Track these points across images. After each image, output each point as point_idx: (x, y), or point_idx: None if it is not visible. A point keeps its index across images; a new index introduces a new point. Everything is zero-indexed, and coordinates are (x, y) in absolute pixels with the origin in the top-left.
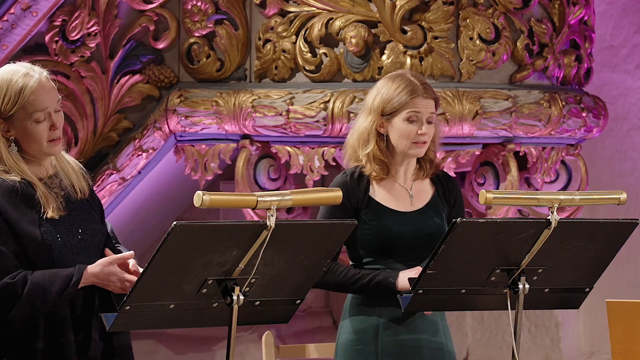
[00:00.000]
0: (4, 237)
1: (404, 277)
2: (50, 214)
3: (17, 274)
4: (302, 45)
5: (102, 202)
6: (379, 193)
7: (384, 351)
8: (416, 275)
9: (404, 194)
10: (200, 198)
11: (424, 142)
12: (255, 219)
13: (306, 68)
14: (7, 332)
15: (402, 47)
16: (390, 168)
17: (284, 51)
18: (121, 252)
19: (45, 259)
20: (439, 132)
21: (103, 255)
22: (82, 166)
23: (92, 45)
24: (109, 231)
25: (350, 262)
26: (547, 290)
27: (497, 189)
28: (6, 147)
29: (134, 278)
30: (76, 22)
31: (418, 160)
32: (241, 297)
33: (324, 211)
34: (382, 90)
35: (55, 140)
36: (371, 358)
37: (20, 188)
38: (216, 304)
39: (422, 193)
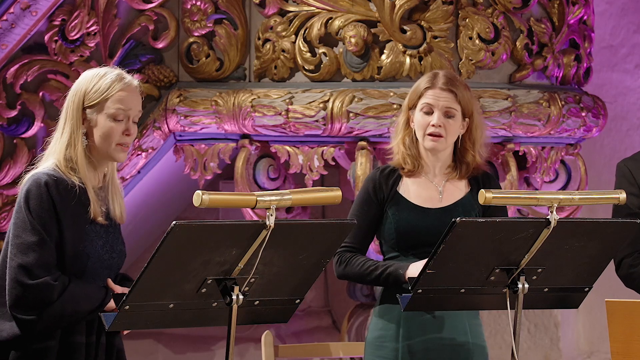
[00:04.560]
0: (52, 229)
1: (413, 269)
2: (91, 216)
3: (58, 277)
4: (301, 45)
5: None
6: (407, 188)
7: (405, 348)
8: None
9: (432, 190)
10: (199, 197)
11: (438, 135)
12: (255, 218)
13: (305, 67)
14: (24, 330)
15: (401, 47)
16: (420, 162)
17: (283, 51)
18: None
19: (78, 265)
20: (478, 133)
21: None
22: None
23: (92, 44)
24: None
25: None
26: (546, 289)
27: None
28: (81, 138)
29: None
30: (75, 21)
31: (454, 159)
32: (240, 297)
33: (354, 205)
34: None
35: (123, 146)
36: (392, 355)
37: (77, 191)
38: (215, 303)
39: (453, 191)
